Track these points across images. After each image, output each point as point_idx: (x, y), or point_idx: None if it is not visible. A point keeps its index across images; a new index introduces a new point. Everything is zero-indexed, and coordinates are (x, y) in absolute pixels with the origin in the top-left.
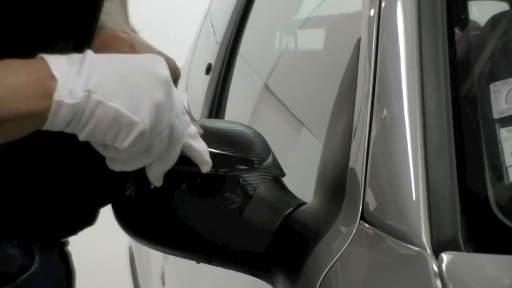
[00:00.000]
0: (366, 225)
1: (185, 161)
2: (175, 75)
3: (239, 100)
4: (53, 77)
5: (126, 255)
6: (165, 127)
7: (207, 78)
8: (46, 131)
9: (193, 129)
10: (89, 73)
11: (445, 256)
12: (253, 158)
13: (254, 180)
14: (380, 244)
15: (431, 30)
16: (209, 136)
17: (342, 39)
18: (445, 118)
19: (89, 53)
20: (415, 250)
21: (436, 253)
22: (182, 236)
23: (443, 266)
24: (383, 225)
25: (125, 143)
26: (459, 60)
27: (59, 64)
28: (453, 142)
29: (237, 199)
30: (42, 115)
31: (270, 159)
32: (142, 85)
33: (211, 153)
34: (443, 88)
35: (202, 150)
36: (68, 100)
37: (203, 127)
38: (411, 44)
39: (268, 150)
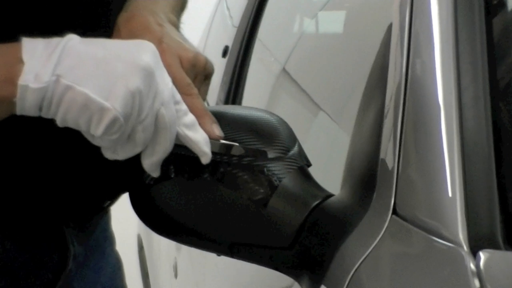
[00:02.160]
0: (398, 219)
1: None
2: (207, 71)
3: (257, 84)
4: (21, 61)
5: (135, 243)
6: (147, 115)
7: (223, 61)
8: None
9: (190, 118)
10: (60, 57)
11: (483, 255)
12: (278, 147)
13: (279, 170)
14: (413, 240)
15: (468, 14)
16: (231, 123)
17: (364, 21)
18: (483, 110)
19: (68, 37)
20: (451, 247)
21: (474, 251)
22: (202, 228)
23: (481, 264)
24: (417, 220)
25: (98, 130)
26: (498, 47)
27: (33, 48)
28: (491, 136)
29: (261, 190)
30: (9, 100)
31: (296, 148)
32: (116, 71)
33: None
34: (480, 78)
35: (199, 141)
36: (34, 85)
37: (224, 114)
38: (446, 30)
39: (293, 139)
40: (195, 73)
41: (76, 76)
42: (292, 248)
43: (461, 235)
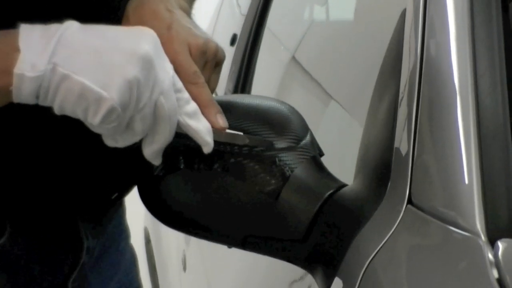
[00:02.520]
0: (414, 209)
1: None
2: (218, 58)
3: (266, 74)
4: (17, 50)
5: (142, 236)
6: (145, 105)
7: (231, 49)
8: None
9: (192, 107)
10: (57, 45)
11: (501, 244)
12: (290, 137)
13: (291, 160)
14: (429, 231)
15: None
16: (242, 113)
17: (376, 7)
18: (500, 96)
19: (66, 24)
20: (468, 237)
21: (492, 241)
22: (213, 220)
23: (500, 254)
24: (433, 209)
25: (96, 119)
26: None
27: (29, 36)
28: (508, 123)
29: (273, 181)
30: (6, 89)
31: (308, 138)
32: (114, 60)
33: (244, 132)
34: (497, 65)
35: (200, 130)
36: (30, 73)
37: (234, 103)
38: (461, 14)
39: (305, 128)
40: (205, 60)
41: (73, 65)
42: (305, 240)
43: (479, 225)
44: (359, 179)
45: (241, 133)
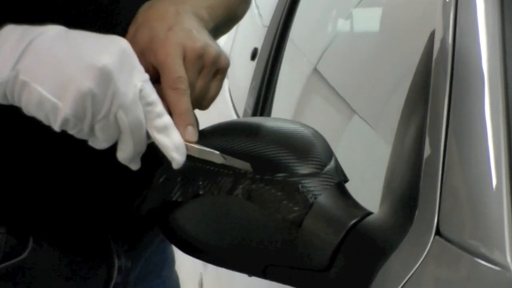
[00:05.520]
0: (442, 240)
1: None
2: (219, 65)
3: (288, 89)
4: None
5: None
6: (104, 117)
7: (252, 64)
8: None
9: (164, 121)
10: (24, 52)
11: None
12: (314, 162)
13: (315, 187)
14: (457, 264)
15: None
16: (264, 137)
17: (402, 18)
18: None
19: (43, 28)
20: (498, 271)
21: None
22: (233, 247)
23: None
24: (461, 241)
25: (55, 126)
26: None
27: (7, 38)
28: None
29: (296, 208)
30: None
31: (332, 163)
32: (72, 72)
33: (266, 157)
34: None
35: (167, 145)
36: None
37: (256, 126)
38: (492, 38)
39: (330, 153)
40: (202, 65)
41: (33, 73)
42: (329, 270)
43: (509, 258)
44: (385, 207)
45: (217, 152)
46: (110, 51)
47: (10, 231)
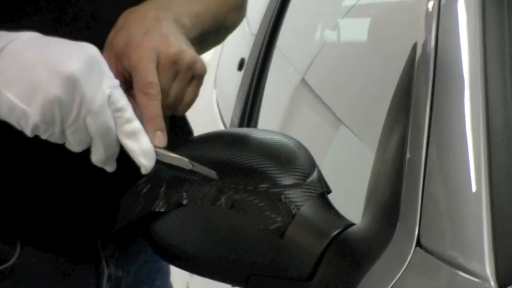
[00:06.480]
0: (423, 252)
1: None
2: (195, 71)
3: (274, 96)
4: None
5: None
6: (73, 122)
7: (239, 74)
8: None
9: (133, 126)
10: None
11: None
12: (297, 173)
13: (297, 197)
14: (438, 275)
15: (497, 29)
16: (247, 147)
17: (390, 29)
18: None
19: (17, 34)
20: (477, 283)
21: (502, 287)
22: (216, 257)
23: None
24: (442, 253)
25: (26, 131)
26: None
27: None
28: None
29: (278, 219)
30: None
31: (315, 174)
32: (40, 78)
33: (249, 167)
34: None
35: (135, 151)
36: None
37: (239, 137)
38: (474, 50)
39: (312, 164)
40: (176, 71)
41: (3, 79)
42: (311, 280)
43: (488, 269)
44: (367, 217)
45: (186, 159)
46: (78, 57)
47: None
